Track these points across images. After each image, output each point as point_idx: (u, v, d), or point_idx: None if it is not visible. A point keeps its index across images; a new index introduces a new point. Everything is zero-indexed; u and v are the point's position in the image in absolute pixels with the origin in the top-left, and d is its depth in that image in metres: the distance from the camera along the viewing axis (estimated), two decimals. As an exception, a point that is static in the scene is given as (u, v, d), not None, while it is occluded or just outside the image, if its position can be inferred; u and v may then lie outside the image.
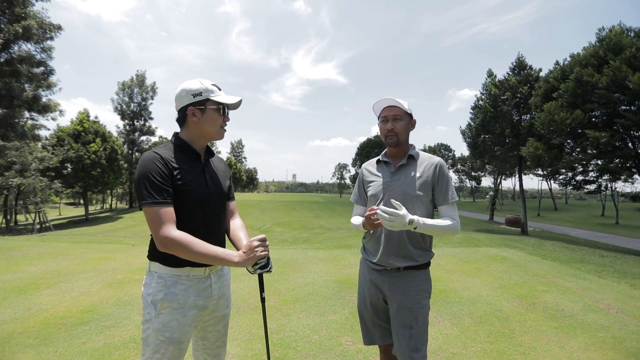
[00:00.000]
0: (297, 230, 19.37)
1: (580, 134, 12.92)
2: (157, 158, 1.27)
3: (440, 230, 1.55)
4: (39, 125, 22.59)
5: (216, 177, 1.48)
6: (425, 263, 1.64)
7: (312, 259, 5.93)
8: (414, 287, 1.61)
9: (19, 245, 6.84)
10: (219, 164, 1.57)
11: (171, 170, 1.29)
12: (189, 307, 1.33)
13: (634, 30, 12.61)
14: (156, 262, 1.34)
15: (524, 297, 4.07)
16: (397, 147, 1.71)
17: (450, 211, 1.62)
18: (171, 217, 1.24)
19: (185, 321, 1.32)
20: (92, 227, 22.49)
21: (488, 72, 18.46)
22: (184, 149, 1.38)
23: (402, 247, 1.61)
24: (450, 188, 1.65)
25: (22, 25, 17.76)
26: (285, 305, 3.62)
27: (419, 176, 1.64)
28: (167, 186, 1.26)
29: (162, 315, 1.29)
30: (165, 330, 1.28)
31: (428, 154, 1.72)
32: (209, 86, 1.37)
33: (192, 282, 1.35)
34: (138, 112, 38.16)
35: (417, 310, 1.58)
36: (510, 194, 76.32)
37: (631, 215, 37.00)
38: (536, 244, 9.64)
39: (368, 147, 49.51)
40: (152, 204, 1.22)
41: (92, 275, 4.62)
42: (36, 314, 3.22)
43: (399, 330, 1.59)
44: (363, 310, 1.78)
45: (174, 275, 1.33)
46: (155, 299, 1.30)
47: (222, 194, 1.49)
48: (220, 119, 1.40)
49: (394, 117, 1.68)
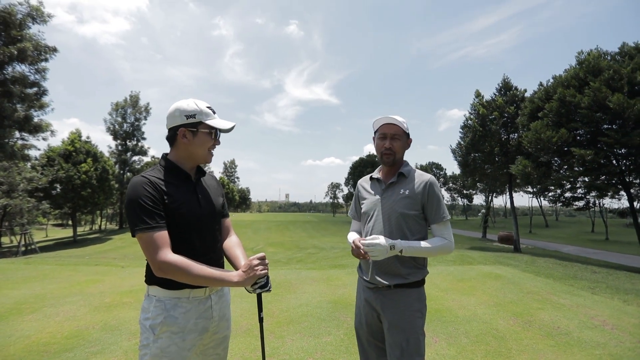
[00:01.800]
0: (290, 250, 19.12)
1: (567, 151, 13.31)
2: (145, 182, 1.24)
3: (431, 251, 1.53)
4: (29, 145, 22.34)
5: (208, 196, 1.44)
6: (417, 281, 1.60)
7: (306, 279, 5.83)
8: (404, 306, 1.57)
9: (2, 269, 6.60)
10: (211, 181, 1.54)
11: (161, 193, 1.26)
12: (188, 331, 1.29)
13: (610, 54, 13.29)
14: (154, 285, 1.30)
15: (519, 315, 4.04)
16: (392, 166, 1.72)
17: (442, 230, 1.60)
18: (166, 241, 1.21)
19: (184, 345, 1.27)
20: (80, 248, 21.87)
21: (476, 92, 19.08)
22: (172, 171, 1.35)
23: (390, 264, 1.59)
24: (441, 206, 1.62)
25: (17, 47, 17.91)
26: (279, 327, 3.53)
27: (408, 194, 1.62)
28: (159, 210, 1.24)
29: (161, 340, 1.25)
30: (163, 356, 1.24)
31: (420, 172, 1.71)
32: (204, 108, 1.34)
33: (192, 304, 1.31)
34: (131, 132, 38.12)
35: (408, 331, 1.54)
36: (502, 212, 77.06)
37: (620, 231, 37.53)
38: (529, 260, 9.67)
39: (360, 166, 49.95)
40: (145, 230, 1.19)
41: (79, 298, 4.46)
42: (17, 340, 3.08)
43: (390, 351, 1.56)
44: (359, 329, 1.75)
45: (174, 298, 1.29)
46: (154, 323, 1.25)
47: (216, 213, 1.46)
48: (210, 143, 1.37)
49: (393, 136, 1.66)
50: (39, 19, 19.25)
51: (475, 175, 20.64)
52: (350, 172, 52.99)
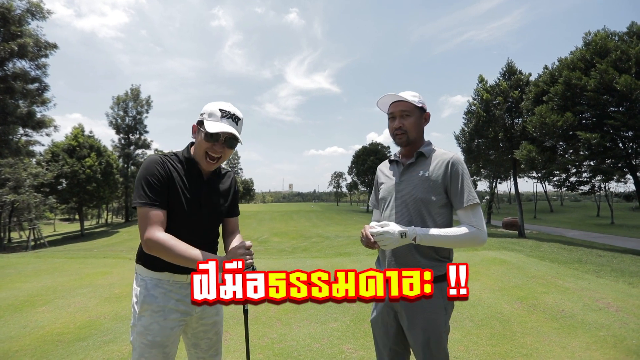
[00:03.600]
0: (295, 240, 19.27)
1: (572, 135, 13.13)
2: (158, 162, 1.29)
3: (453, 240, 1.34)
4: (34, 141, 22.51)
5: (214, 197, 1.43)
6: (439, 275, 1.33)
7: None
8: (425, 304, 1.34)
9: (14, 263, 6.74)
10: (225, 183, 1.52)
11: (170, 178, 1.30)
12: (169, 311, 1.32)
13: (617, 34, 12.95)
14: (139, 264, 1.37)
15: (524, 299, 4.07)
16: (409, 146, 1.53)
17: (469, 216, 1.38)
18: (159, 220, 1.24)
19: (166, 324, 1.31)
20: (87, 242, 22.22)
21: (479, 77, 18.77)
22: (188, 163, 1.37)
23: (410, 257, 1.42)
24: (467, 188, 1.39)
25: (17, 43, 17.84)
26: (285, 315, 3.59)
27: (427, 176, 1.43)
28: (162, 190, 1.27)
29: (144, 318, 1.30)
30: (147, 334, 1.29)
31: (443, 150, 1.50)
32: (214, 109, 1.31)
33: (173, 286, 1.34)
34: (133, 125, 38.14)
35: (430, 329, 1.38)
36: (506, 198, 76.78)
37: (626, 214, 37.33)
38: (534, 245, 9.68)
39: (363, 154, 49.72)
40: (144, 205, 1.23)
41: (89, 290, 4.56)
42: (32, 331, 3.17)
43: (414, 349, 1.44)
44: (375, 328, 1.61)
45: (155, 279, 1.33)
46: (136, 301, 1.32)
47: (217, 213, 1.45)
48: (205, 145, 1.30)
49: (402, 114, 1.47)
50: (38, 15, 19.12)
51: (479, 161, 20.47)
52: (353, 161, 52.77)
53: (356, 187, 54.78)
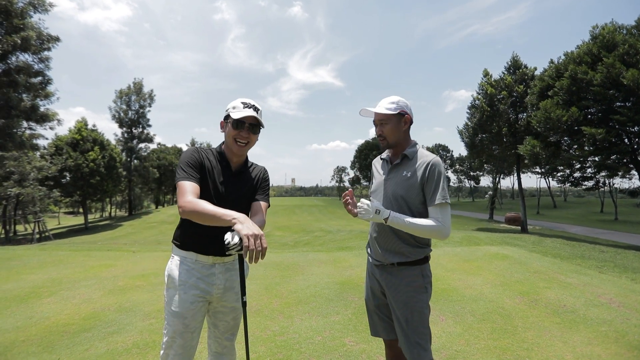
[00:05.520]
0: (297, 234, 19.34)
1: (577, 130, 13.01)
2: (195, 150, 1.52)
3: (417, 228, 1.50)
4: (37, 134, 22.59)
5: (242, 187, 1.60)
6: (419, 259, 1.62)
7: (314, 262, 5.92)
8: (406, 283, 1.61)
9: (19, 255, 6.82)
10: (254, 173, 1.68)
11: (203, 166, 1.50)
12: (189, 286, 1.48)
13: (626, 28, 12.74)
14: (173, 243, 1.57)
15: (525, 293, 4.08)
16: (394, 148, 1.73)
17: (437, 213, 1.54)
18: (193, 189, 1.38)
19: (186, 298, 1.46)
20: (92, 235, 22.41)
21: (484, 71, 18.59)
22: (219, 155, 1.59)
23: (392, 243, 1.63)
24: (440, 189, 1.55)
25: (20, 36, 17.82)
26: (287, 308, 3.61)
27: (409, 176, 1.61)
28: (197, 169, 1.46)
29: (170, 290, 1.50)
30: (171, 304, 1.47)
31: (425, 152, 1.66)
32: (237, 103, 1.52)
33: (196, 265, 1.51)
34: (136, 119, 38.14)
35: (411, 305, 1.58)
36: (509, 193, 76.50)
37: (630, 211, 37.10)
38: (536, 241, 9.66)
39: (366, 149, 49.64)
40: (181, 179, 1.41)
41: (94, 282, 4.60)
42: (38, 322, 3.21)
43: (397, 325, 1.62)
44: (368, 303, 1.82)
45: (181, 257, 1.52)
46: (166, 274, 1.54)
47: (243, 204, 1.60)
48: (233, 132, 1.51)
49: (380, 122, 1.69)
50: (40, 8, 19.07)
51: (482, 156, 20.37)
52: (355, 155, 52.74)
53: (359, 182, 54.75)
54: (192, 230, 1.48)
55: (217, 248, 1.47)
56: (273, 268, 5.40)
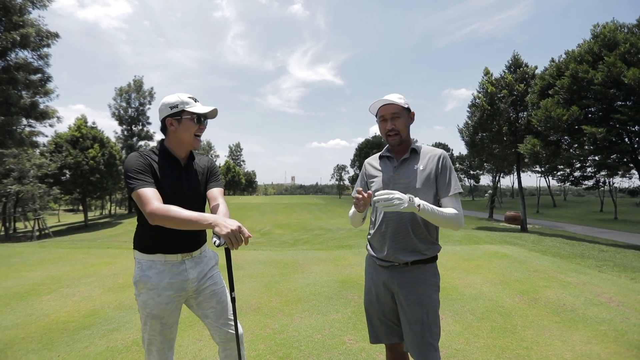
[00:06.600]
0: (297, 232, 19.35)
1: (577, 130, 13.00)
2: (137, 155, 1.48)
3: (444, 218, 1.47)
4: (37, 132, 22.55)
5: (195, 179, 1.61)
6: (433, 256, 1.61)
7: (313, 260, 5.93)
8: (423, 281, 1.57)
9: (19, 252, 6.82)
10: (201, 163, 1.68)
11: (151, 168, 1.47)
12: (163, 289, 1.50)
13: (627, 26, 12.71)
14: (136, 249, 1.55)
15: (525, 292, 4.08)
16: (401, 145, 1.68)
17: (453, 202, 1.55)
18: (155, 195, 1.38)
19: (160, 300, 1.49)
20: (91, 233, 22.42)
21: (484, 70, 18.55)
22: (164, 154, 1.56)
23: (409, 241, 1.57)
24: (453, 179, 1.58)
25: (19, 32, 17.76)
26: (287, 306, 3.61)
27: (422, 169, 1.59)
28: (149, 174, 1.44)
29: (142, 295, 1.50)
30: (146, 307, 1.49)
31: (431, 147, 1.67)
32: (185, 99, 1.52)
33: (165, 266, 1.52)
34: (136, 117, 38.16)
35: (427, 305, 1.54)
36: (509, 192, 76.53)
37: (629, 210, 37.13)
38: (536, 240, 9.66)
39: (366, 147, 49.62)
40: (137, 187, 1.38)
41: (93, 280, 4.61)
42: (38, 319, 3.21)
43: (410, 326, 1.55)
44: (369, 308, 1.73)
45: (149, 261, 1.52)
46: (135, 281, 1.52)
47: (200, 195, 1.62)
48: (194, 127, 1.52)
49: (393, 115, 1.62)
50: (39, 4, 18.98)
51: (482, 155, 20.36)
52: (356, 153, 52.71)
53: (358, 180, 54.72)
54: (156, 234, 1.48)
55: (184, 244, 1.54)
56: (273, 266, 5.40)
